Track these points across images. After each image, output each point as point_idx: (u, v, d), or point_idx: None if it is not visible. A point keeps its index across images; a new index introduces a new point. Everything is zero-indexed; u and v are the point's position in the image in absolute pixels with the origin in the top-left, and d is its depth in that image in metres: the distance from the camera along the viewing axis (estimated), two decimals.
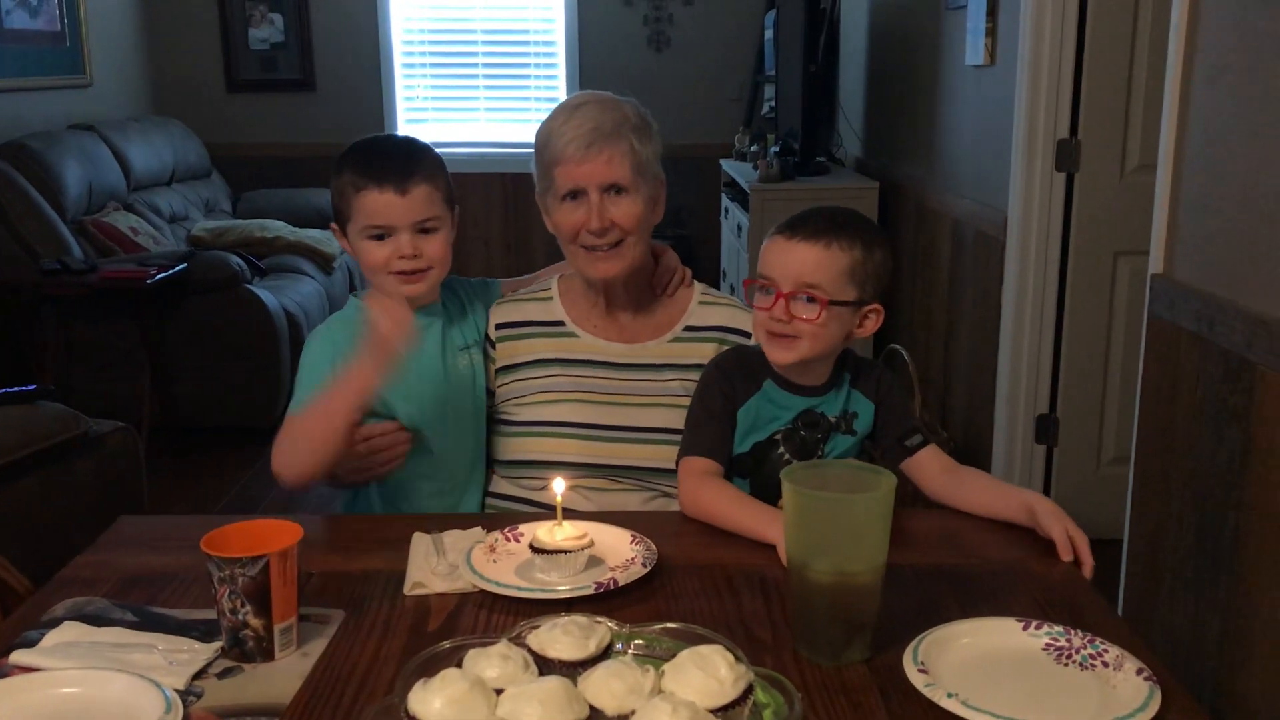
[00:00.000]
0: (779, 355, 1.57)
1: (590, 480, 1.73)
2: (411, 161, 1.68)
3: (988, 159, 3.58)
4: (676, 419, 1.70)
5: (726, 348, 1.76)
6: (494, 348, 1.83)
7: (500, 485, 1.81)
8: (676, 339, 1.81)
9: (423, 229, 1.68)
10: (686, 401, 1.70)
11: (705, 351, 1.77)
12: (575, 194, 1.71)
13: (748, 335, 1.71)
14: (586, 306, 1.82)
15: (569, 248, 1.76)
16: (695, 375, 1.72)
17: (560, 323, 1.82)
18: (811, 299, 1.52)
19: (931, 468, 1.62)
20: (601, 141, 1.68)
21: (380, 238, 1.67)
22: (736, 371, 1.63)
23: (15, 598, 1.45)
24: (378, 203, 1.65)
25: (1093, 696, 1.13)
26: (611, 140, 1.69)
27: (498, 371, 1.82)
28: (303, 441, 1.55)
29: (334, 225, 1.75)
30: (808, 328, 1.53)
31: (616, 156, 1.69)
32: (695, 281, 1.89)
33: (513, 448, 1.78)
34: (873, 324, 1.60)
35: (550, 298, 1.85)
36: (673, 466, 1.68)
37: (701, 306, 1.84)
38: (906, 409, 1.68)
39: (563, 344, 1.81)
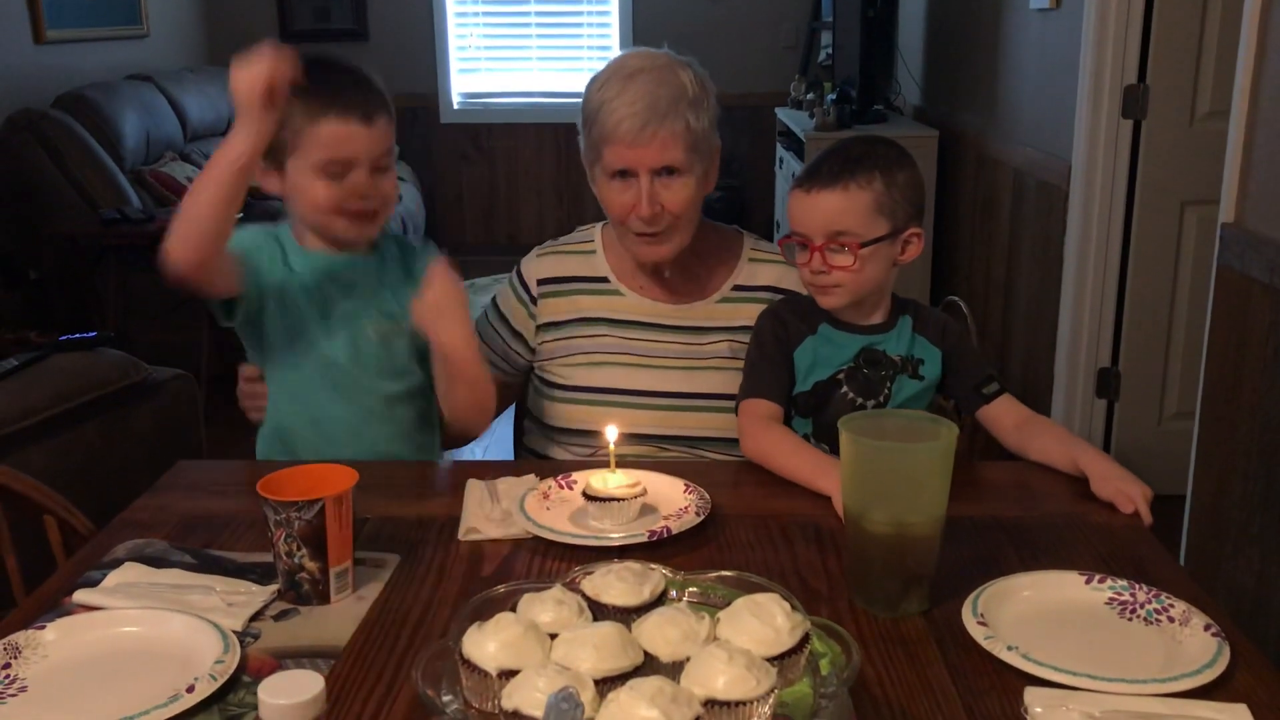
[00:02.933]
0: (826, 301, 1.58)
1: (637, 448, 1.69)
2: (373, 90, 1.54)
3: (1051, 106, 3.49)
4: (724, 383, 1.67)
5: None
6: (535, 304, 1.79)
7: (538, 442, 1.79)
8: (725, 299, 1.76)
9: (380, 166, 1.54)
10: (733, 364, 1.68)
11: (754, 313, 1.70)
12: (624, 174, 1.63)
13: (797, 295, 1.68)
14: (632, 263, 1.76)
15: (617, 227, 1.70)
16: (743, 337, 1.69)
17: (604, 279, 1.78)
18: (843, 246, 1.52)
19: (1006, 421, 1.60)
20: (656, 122, 1.58)
21: (336, 174, 1.51)
22: (790, 315, 1.62)
23: (78, 539, 1.48)
24: (339, 134, 1.49)
25: (1158, 652, 1.10)
26: (666, 120, 1.59)
27: (539, 329, 1.79)
28: (188, 215, 1.43)
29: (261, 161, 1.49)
30: (845, 275, 1.53)
31: (670, 139, 1.60)
32: (746, 235, 1.83)
33: (559, 414, 1.75)
34: (915, 248, 1.58)
35: (594, 250, 1.80)
36: (722, 435, 1.67)
37: (751, 264, 1.78)
38: (980, 357, 1.67)
39: (608, 302, 1.76)
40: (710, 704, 0.89)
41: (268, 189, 1.56)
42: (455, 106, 6.49)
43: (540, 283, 1.79)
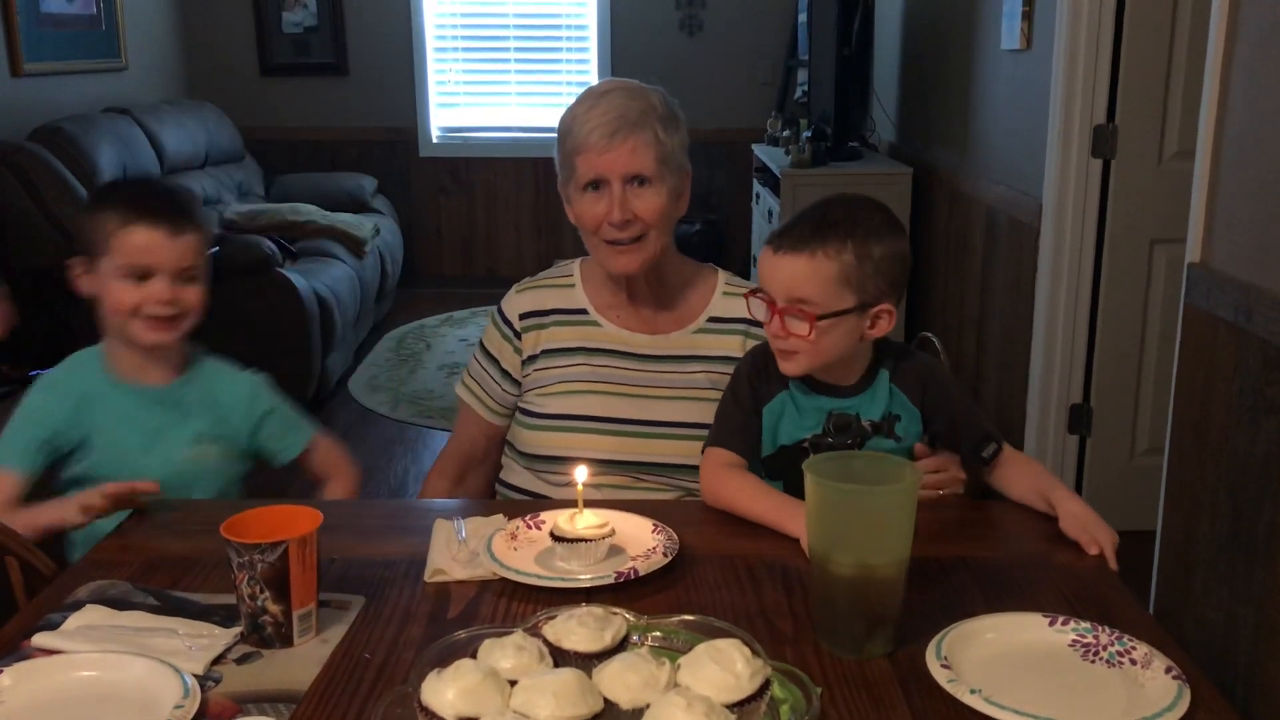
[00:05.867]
0: (785, 367, 1.51)
1: (611, 478, 1.70)
2: (185, 206, 1.68)
3: (1023, 145, 3.53)
4: (700, 413, 1.67)
5: (752, 341, 1.72)
6: (520, 339, 1.80)
7: (516, 475, 1.79)
8: (701, 330, 1.78)
9: (185, 276, 1.66)
10: (711, 395, 1.68)
11: (730, 344, 1.73)
12: (597, 184, 1.67)
13: None
14: (609, 295, 1.80)
15: (590, 240, 1.73)
16: (720, 368, 1.70)
17: (583, 310, 1.80)
18: (802, 315, 1.44)
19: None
20: (626, 130, 1.65)
21: (138, 279, 1.63)
22: (766, 367, 1.56)
23: (40, 580, 1.46)
24: (145, 240, 1.62)
25: (1119, 695, 1.11)
26: (636, 129, 1.65)
27: (523, 362, 1.80)
28: None
29: (72, 261, 1.68)
30: (801, 343, 1.46)
31: (640, 146, 1.65)
32: (720, 270, 1.85)
33: (533, 440, 1.76)
34: (885, 324, 1.49)
35: (573, 284, 1.83)
36: (696, 463, 1.66)
37: (725, 298, 1.80)
38: (973, 413, 1.58)
39: (585, 332, 1.78)
40: None
41: (81, 289, 1.68)
42: (434, 140, 6.51)
43: (522, 317, 1.81)
